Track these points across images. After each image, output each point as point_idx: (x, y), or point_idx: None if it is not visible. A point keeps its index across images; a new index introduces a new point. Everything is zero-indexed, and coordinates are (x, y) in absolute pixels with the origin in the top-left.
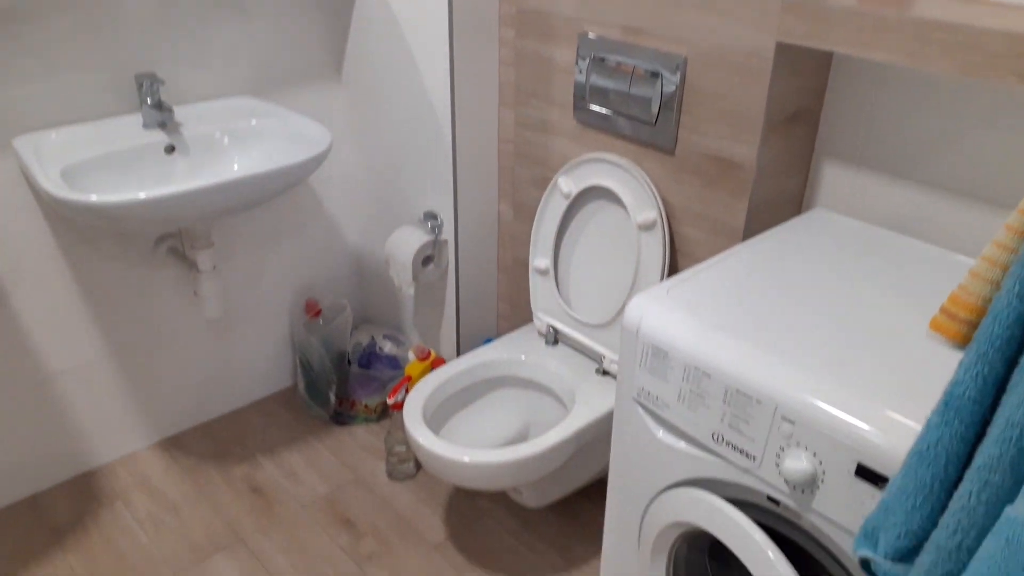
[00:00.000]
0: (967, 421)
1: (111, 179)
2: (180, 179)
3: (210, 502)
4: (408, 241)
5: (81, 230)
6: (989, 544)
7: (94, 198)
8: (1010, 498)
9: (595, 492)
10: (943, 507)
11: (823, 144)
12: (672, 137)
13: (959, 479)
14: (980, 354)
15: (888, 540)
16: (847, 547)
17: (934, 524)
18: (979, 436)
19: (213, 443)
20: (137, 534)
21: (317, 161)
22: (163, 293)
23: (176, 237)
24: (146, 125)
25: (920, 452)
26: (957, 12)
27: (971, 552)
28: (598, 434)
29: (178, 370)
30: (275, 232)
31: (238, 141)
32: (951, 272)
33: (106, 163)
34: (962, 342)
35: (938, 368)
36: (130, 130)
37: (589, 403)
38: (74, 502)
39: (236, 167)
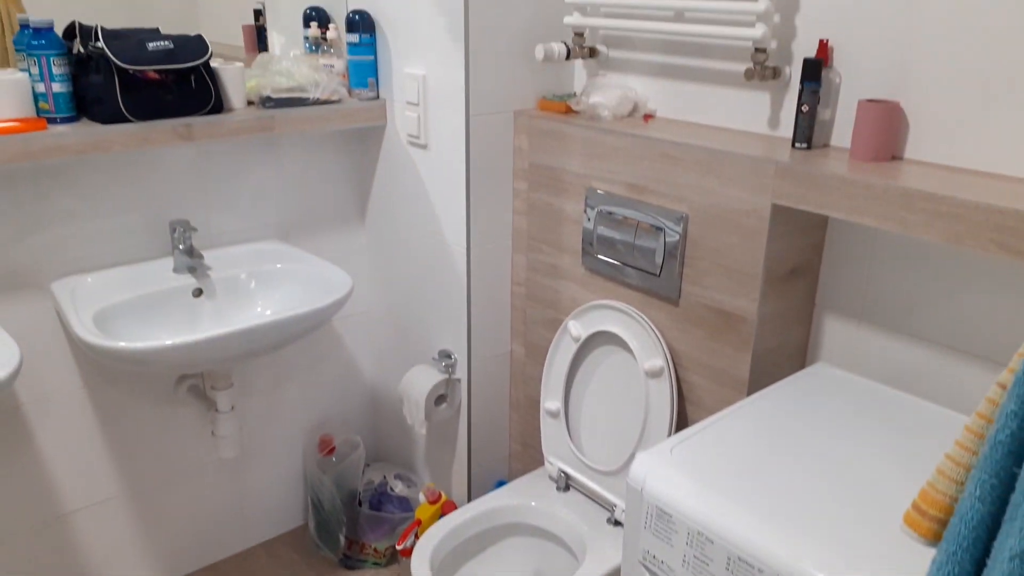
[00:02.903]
0: None
1: (141, 322)
2: (207, 321)
3: None
4: (422, 380)
5: (107, 370)
6: None
7: (123, 345)
8: None
9: None
10: None
11: (824, 298)
12: (676, 288)
13: None
14: (949, 554)
15: None
16: None
17: None
18: None
19: None
20: None
21: (338, 306)
22: (181, 431)
23: (198, 376)
24: (176, 269)
25: None
26: (941, 182)
27: None
28: None
29: (190, 509)
30: (293, 369)
31: (264, 284)
32: (950, 431)
33: (137, 306)
34: (933, 539)
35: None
36: (161, 274)
37: (599, 557)
38: None
39: (260, 310)
